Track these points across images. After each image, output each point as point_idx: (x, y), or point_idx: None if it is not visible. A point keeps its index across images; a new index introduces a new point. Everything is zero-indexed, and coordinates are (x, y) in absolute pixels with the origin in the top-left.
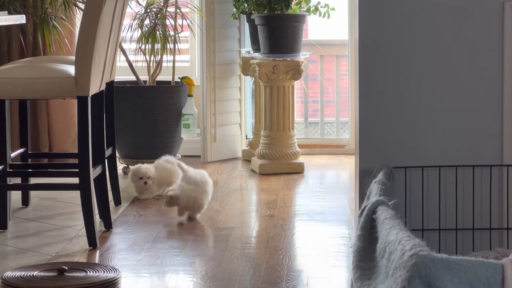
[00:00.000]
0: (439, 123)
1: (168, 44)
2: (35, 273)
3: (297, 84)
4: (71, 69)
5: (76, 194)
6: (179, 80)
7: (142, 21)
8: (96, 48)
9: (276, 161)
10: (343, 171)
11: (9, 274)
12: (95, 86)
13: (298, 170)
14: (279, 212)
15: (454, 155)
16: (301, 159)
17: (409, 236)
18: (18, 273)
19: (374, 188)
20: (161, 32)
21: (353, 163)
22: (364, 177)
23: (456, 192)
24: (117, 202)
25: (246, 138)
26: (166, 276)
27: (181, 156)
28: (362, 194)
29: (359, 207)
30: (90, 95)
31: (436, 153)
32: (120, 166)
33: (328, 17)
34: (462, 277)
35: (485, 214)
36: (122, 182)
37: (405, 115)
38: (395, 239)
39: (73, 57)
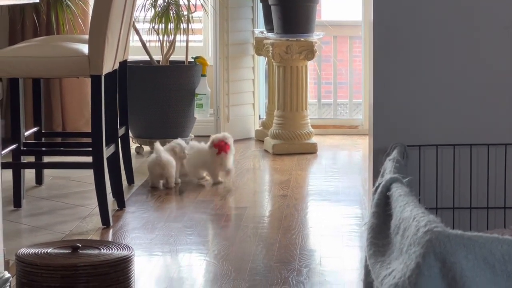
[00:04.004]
0: (454, 102)
1: (181, 24)
2: (49, 250)
3: (310, 65)
4: (84, 48)
5: (89, 173)
6: (193, 60)
7: (156, 0)
8: (109, 27)
9: (289, 141)
10: (356, 151)
11: (23, 251)
12: (109, 65)
13: (311, 151)
14: (292, 192)
15: (469, 134)
16: (314, 139)
17: (423, 213)
18: (32, 250)
19: (388, 166)
20: (174, 12)
21: (367, 144)
22: (378, 156)
23: (470, 171)
24: (130, 181)
25: (260, 118)
26: (179, 255)
27: (194, 136)
28: (376, 172)
29: (373, 185)
30: (104, 74)
31: (450, 131)
32: (133, 146)
33: None
34: (477, 253)
35: (500, 192)
36: (136, 162)
37: (419, 93)
38: (410, 215)
39: (87, 36)
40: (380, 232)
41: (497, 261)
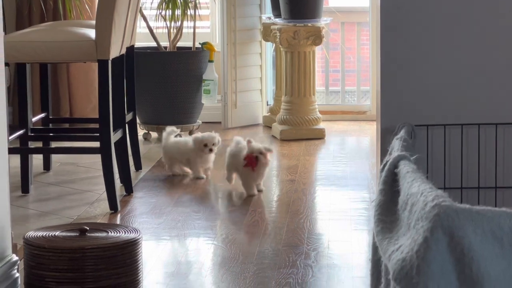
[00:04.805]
0: (461, 81)
1: (188, 10)
2: (57, 233)
3: (318, 53)
4: (91, 33)
5: (97, 159)
6: (200, 46)
7: None
8: (116, 11)
9: (297, 127)
10: (364, 137)
11: (31, 234)
12: (115, 50)
13: (319, 136)
14: (300, 177)
15: (476, 113)
16: (322, 125)
17: (431, 188)
18: (39, 233)
19: (396, 144)
20: None
21: (374, 129)
22: (385, 135)
23: (478, 150)
24: (138, 167)
25: (267, 104)
26: (187, 239)
27: (202, 122)
28: (384, 151)
29: (381, 163)
30: (111, 59)
31: (458, 111)
32: (140, 132)
33: None
34: (485, 227)
35: (508, 172)
36: (143, 148)
37: (427, 72)
38: (417, 191)
39: (94, 22)
40: (388, 209)
41: (505, 235)
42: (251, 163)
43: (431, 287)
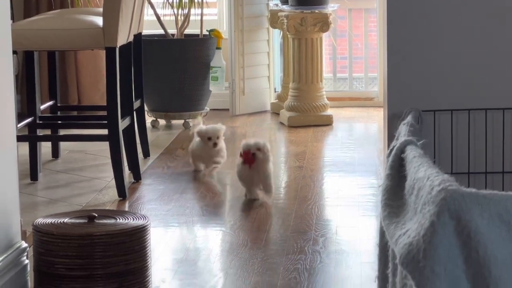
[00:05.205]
0: (468, 66)
1: None
2: (66, 220)
3: (326, 40)
4: (99, 20)
5: (105, 146)
6: (207, 33)
7: None
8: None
9: (305, 114)
10: (371, 123)
11: (39, 221)
12: (123, 37)
13: (326, 122)
14: (308, 163)
15: (483, 98)
16: (329, 111)
17: (437, 172)
18: (48, 220)
19: (403, 130)
20: None
21: (382, 116)
22: (393, 121)
23: (485, 136)
24: (146, 154)
25: (275, 91)
26: (195, 226)
27: (210, 109)
28: (391, 137)
29: (388, 148)
30: (118, 46)
31: (465, 96)
32: (148, 119)
33: None
34: (492, 211)
35: None
36: (151, 135)
37: (434, 58)
38: (424, 175)
39: (101, 9)
40: (395, 194)
41: None
42: (248, 160)
43: (438, 270)
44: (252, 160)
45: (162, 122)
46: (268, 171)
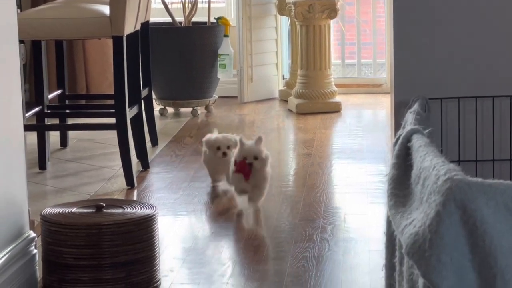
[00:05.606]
0: (475, 53)
1: None
2: (74, 209)
3: (335, 26)
4: (105, 9)
5: (114, 135)
6: (215, 21)
7: None
8: None
9: (313, 100)
10: (380, 109)
11: (47, 210)
12: (130, 25)
13: (335, 109)
14: (316, 150)
15: (491, 85)
16: (338, 98)
17: (443, 162)
18: (56, 210)
19: (409, 118)
20: None
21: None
22: (399, 109)
23: (493, 123)
24: (154, 142)
25: (283, 78)
26: (204, 214)
27: (218, 97)
28: (398, 125)
29: (394, 137)
30: (125, 35)
31: (473, 83)
32: (157, 108)
33: None
34: (498, 200)
35: None
36: (159, 124)
37: (441, 45)
38: (430, 165)
39: None
40: (401, 183)
41: None
42: (244, 170)
43: (444, 260)
44: (249, 171)
45: (170, 110)
46: (266, 176)
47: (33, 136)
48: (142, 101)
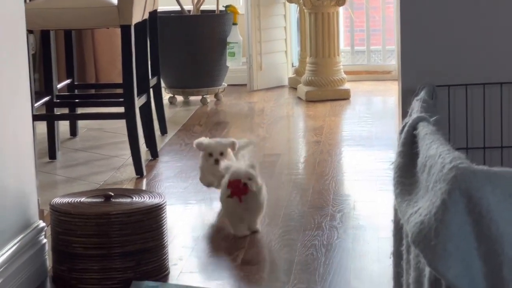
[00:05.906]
0: (483, 40)
1: None
2: (83, 199)
3: (344, 12)
4: None
5: (123, 124)
6: (224, 9)
7: None
8: None
9: (322, 88)
10: (389, 96)
11: (57, 200)
12: (138, 14)
13: (344, 97)
14: (325, 138)
15: (498, 72)
16: (347, 85)
17: (449, 150)
18: (66, 200)
19: (416, 106)
20: None
21: None
22: (407, 97)
23: (501, 110)
24: (163, 131)
25: (292, 66)
26: (213, 203)
27: (227, 85)
28: (405, 113)
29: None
30: (133, 24)
31: (480, 70)
32: (166, 96)
33: None
34: (504, 188)
35: None
36: (168, 112)
37: (448, 32)
38: (435, 153)
39: None
40: (407, 171)
41: None
42: (237, 191)
43: (449, 248)
44: (245, 190)
45: (180, 98)
46: (260, 208)
47: (42, 126)
48: (151, 89)
